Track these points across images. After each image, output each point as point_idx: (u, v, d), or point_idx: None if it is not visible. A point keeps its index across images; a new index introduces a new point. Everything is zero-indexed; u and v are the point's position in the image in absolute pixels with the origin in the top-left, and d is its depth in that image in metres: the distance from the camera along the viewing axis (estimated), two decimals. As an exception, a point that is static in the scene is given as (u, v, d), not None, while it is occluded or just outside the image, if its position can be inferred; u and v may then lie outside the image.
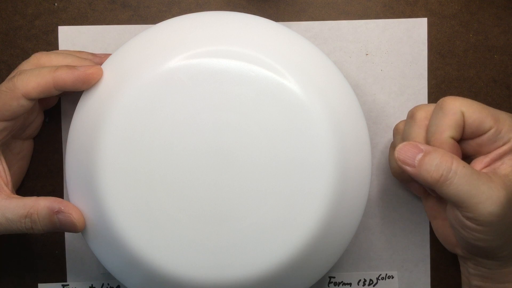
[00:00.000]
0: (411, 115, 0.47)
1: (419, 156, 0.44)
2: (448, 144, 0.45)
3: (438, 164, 0.43)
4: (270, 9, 0.53)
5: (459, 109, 0.45)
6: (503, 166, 0.45)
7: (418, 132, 0.46)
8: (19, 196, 0.47)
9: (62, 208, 0.45)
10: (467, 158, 0.47)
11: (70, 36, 0.53)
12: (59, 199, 0.46)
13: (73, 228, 0.46)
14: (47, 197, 0.46)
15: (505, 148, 0.45)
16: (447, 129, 0.45)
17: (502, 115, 0.45)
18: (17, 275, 0.54)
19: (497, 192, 0.43)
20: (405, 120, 0.49)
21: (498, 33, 0.53)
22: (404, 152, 0.45)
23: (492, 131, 0.45)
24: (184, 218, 0.45)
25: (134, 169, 0.45)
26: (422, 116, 0.46)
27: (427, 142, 0.46)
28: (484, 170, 0.45)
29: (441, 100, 0.45)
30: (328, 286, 0.54)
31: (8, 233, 0.46)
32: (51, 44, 0.53)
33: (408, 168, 0.44)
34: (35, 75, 0.45)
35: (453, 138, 0.45)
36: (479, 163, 0.45)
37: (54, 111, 0.53)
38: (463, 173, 0.43)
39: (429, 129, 0.46)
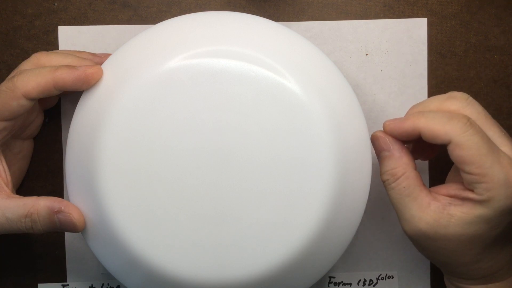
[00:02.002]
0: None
1: (385, 153, 0.46)
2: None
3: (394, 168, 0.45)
4: (270, 9, 0.53)
5: (458, 133, 0.42)
6: (456, 208, 0.43)
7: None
8: (19, 196, 0.47)
9: (62, 207, 0.45)
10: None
11: (70, 36, 0.53)
12: (59, 199, 0.46)
13: (73, 228, 0.46)
14: (47, 197, 0.46)
15: (473, 197, 0.43)
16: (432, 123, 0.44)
17: (495, 170, 0.42)
18: (17, 275, 0.54)
19: (424, 220, 0.44)
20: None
21: (498, 33, 0.53)
22: (377, 141, 0.46)
23: (472, 178, 0.42)
24: (184, 218, 0.45)
25: (134, 169, 0.45)
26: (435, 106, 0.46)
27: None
28: (442, 197, 0.44)
29: (462, 98, 0.45)
30: (328, 286, 0.54)
31: (8, 232, 0.46)
32: (51, 44, 0.53)
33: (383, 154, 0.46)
34: (35, 75, 0.45)
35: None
36: (449, 188, 0.44)
37: (54, 111, 0.53)
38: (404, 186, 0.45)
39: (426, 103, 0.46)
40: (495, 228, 0.43)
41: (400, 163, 0.45)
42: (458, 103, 0.45)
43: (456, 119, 0.43)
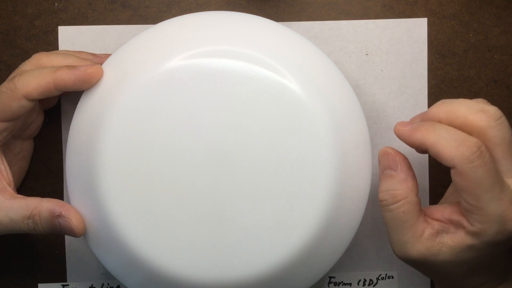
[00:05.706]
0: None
1: (390, 172, 0.44)
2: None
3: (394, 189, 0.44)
4: (270, 9, 0.53)
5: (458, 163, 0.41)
6: (448, 236, 0.43)
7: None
8: (22, 196, 0.47)
9: (63, 212, 0.45)
10: None
11: (70, 36, 0.53)
12: (62, 203, 0.46)
13: (72, 233, 0.46)
14: (51, 199, 0.46)
15: (466, 226, 0.42)
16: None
17: (492, 206, 0.41)
18: (17, 275, 0.54)
19: (416, 249, 0.43)
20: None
21: (498, 33, 0.53)
22: (386, 157, 0.44)
23: (467, 206, 0.41)
24: (184, 218, 0.45)
25: (134, 169, 0.45)
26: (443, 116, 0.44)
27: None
28: (436, 222, 0.43)
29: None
30: (328, 286, 0.54)
31: (12, 232, 0.46)
32: (51, 44, 0.53)
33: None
34: (36, 76, 0.45)
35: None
36: (443, 212, 0.43)
37: (54, 111, 0.53)
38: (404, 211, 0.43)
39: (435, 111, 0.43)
40: (483, 256, 0.43)
41: (404, 186, 0.43)
42: (488, 120, 0.42)
43: (466, 146, 0.40)
